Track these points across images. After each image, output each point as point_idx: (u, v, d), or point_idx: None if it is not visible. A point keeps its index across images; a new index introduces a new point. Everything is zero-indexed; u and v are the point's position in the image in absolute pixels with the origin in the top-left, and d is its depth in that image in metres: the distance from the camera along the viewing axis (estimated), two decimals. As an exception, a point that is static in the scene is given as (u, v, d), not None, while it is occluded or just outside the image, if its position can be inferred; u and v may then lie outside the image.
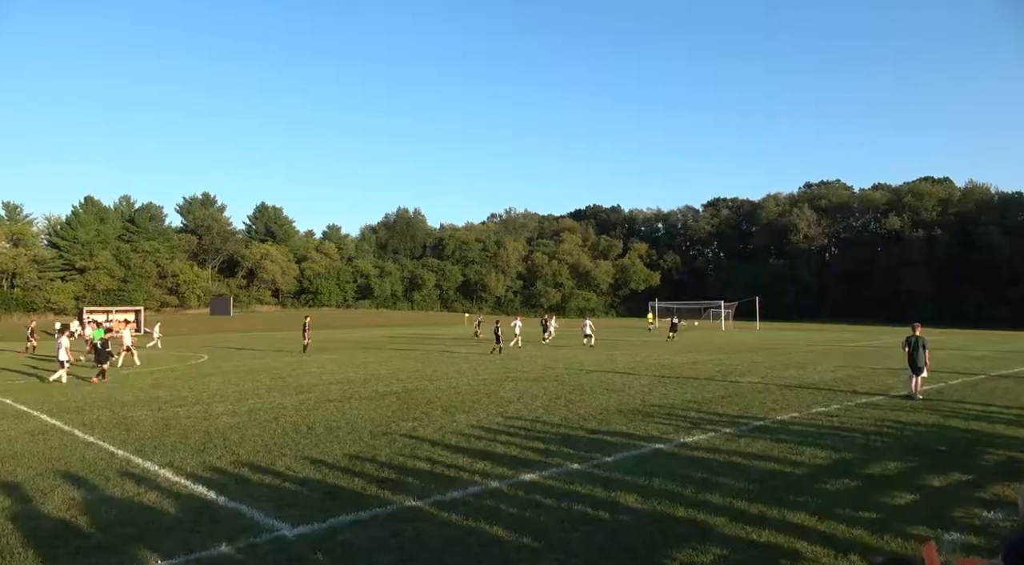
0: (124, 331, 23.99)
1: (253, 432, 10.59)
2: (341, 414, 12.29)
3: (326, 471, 8.08)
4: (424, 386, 16.41)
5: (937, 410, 12.51)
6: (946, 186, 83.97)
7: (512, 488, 7.30)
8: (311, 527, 6.02)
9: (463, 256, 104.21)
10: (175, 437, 10.26)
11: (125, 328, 24.40)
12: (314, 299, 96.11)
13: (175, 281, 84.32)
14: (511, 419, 11.66)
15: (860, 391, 15.25)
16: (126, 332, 23.92)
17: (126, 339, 23.45)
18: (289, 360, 24.54)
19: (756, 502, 6.67)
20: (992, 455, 8.90)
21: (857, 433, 10.35)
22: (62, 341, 18.60)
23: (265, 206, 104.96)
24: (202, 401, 14.09)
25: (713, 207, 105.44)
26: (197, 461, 8.63)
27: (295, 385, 16.79)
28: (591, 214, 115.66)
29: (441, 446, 9.46)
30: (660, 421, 11.41)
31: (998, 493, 7.01)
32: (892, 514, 6.36)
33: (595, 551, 5.44)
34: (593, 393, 14.96)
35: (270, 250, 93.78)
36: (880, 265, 79.74)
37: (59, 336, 19.61)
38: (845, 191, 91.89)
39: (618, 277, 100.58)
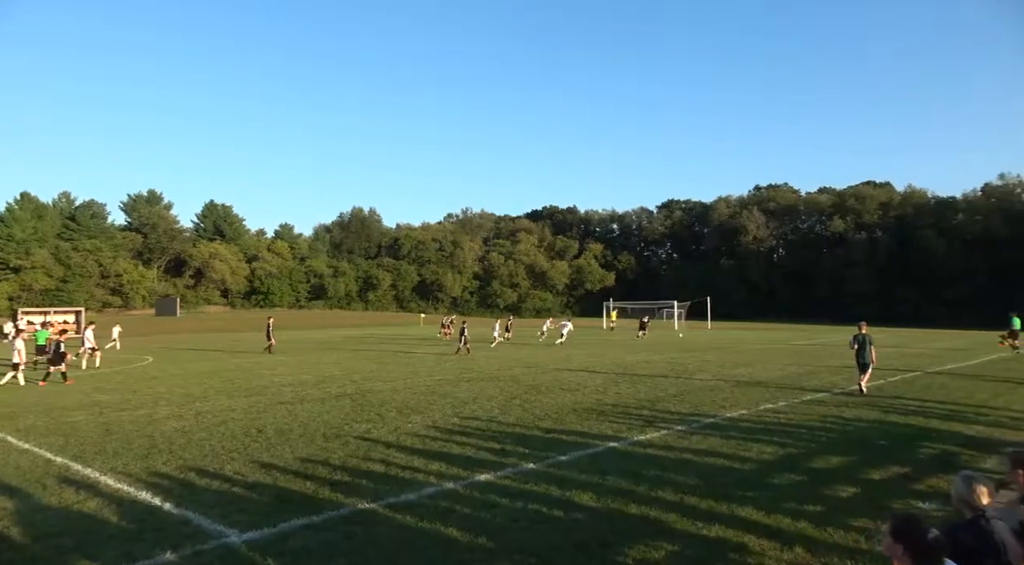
0: (87, 332, 23.18)
1: (200, 436, 10.29)
2: (293, 417, 12.05)
3: (277, 475, 7.90)
4: (379, 387, 16.23)
5: (877, 406, 13.00)
6: (887, 190, 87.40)
7: (467, 489, 7.28)
8: (260, 532, 5.88)
9: (419, 256, 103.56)
10: (117, 442, 9.89)
11: (89, 329, 23.47)
12: (265, 299, 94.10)
13: (118, 281, 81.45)
14: (467, 419, 11.63)
15: (806, 388, 15.72)
16: (89, 332, 23.13)
17: (89, 340, 22.70)
18: (239, 362, 23.94)
19: (706, 498, 6.81)
20: (928, 449, 9.29)
21: (803, 429, 10.68)
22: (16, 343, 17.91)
23: (214, 204, 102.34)
24: (146, 405, 13.62)
25: (667, 208, 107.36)
26: (141, 467, 8.34)
27: (245, 388, 16.38)
28: (547, 215, 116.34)
29: (396, 448, 9.37)
30: (614, 420, 11.54)
31: (933, 485, 7.33)
32: (835, 507, 6.58)
33: (549, 550, 5.47)
34: (549, 392, 15.04)
35: (219, 249, 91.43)
36: (825, 266, 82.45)
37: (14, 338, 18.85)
38: (792, 194, 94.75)
39: (574, 277, 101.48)
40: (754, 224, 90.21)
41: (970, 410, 12.52)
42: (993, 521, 3.31)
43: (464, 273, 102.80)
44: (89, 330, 23.25)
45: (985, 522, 3.29)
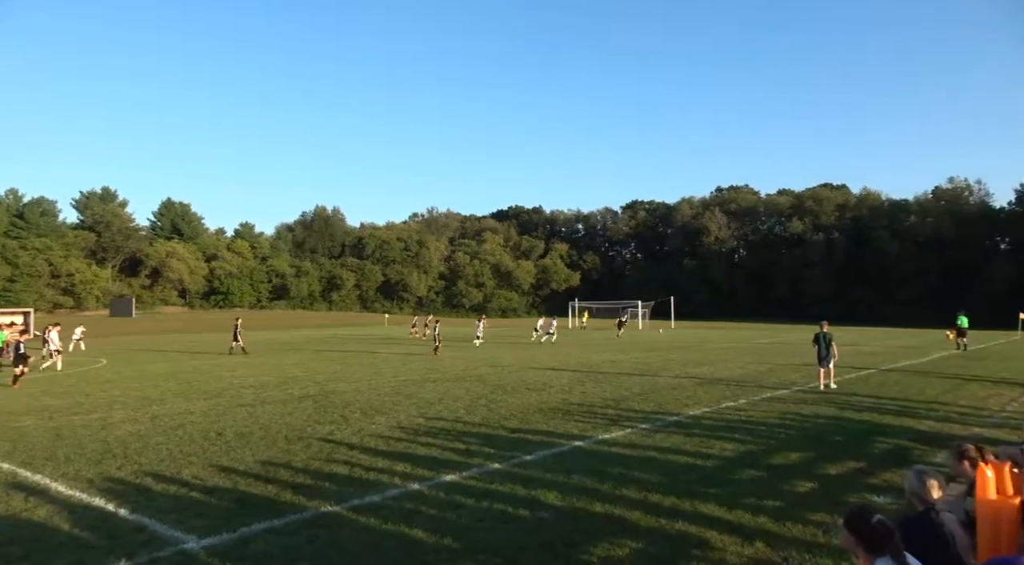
0: (52, 333, 22.43)
1: (157, 440, 10.02)
2: (254, 419, 11.82)
3: (237, 479, 7.74)
4: (342, 388, 16.03)
5: (834, 402, 13.35)
6: (843, 192, 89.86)
7: (432, 489, 7.24)
8: (220, 538, 5.75)
9: (384, 256, 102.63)
10: (69, 448, 9.56)
11: (54, 329, 22.70)
12: (225, 300, 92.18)
13: (70, 281, 78.84)
14: (432, 420, 11.57)
15: (766, 386, 16.06)
16: (54, 333, 22.38)
17: (54, 341, 21.99)
18: (197, 364, 23.40)
19: (670, 495, 6.90)
20: (882, 444, 9.58)
21: (762, 426, 10.91)
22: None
23: (171, 202, 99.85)
24: (100, 408, 13.20)
25: (631, 209, 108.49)
26: (94, 472, 8.08)
27: (203, 390, 16.01)
28: (513, 215, 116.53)
29: (360, 449, 9.27)
30: (579, 419, 11.61)
31: (887, 479, 7.56)
32: (794, 502, 6.74)
33: (515, 549, 5.47)
34: (514, 392, 15.06)
35: (177, 248, 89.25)
36: (784, 266, 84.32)
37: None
38: (753, 196, 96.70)
39: (539, 277, 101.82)
40: (716, 225, 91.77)
41: (922, 406, 12.95)
42: (943, 514, 3.43)
43: (430, 273, 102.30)
44: (54, 331, 22.56)
45: (935, 515, 3.41)
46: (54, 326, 23.17)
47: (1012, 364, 22.33)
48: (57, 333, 22.49)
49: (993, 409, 12.68)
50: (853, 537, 2.88)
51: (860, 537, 2.84)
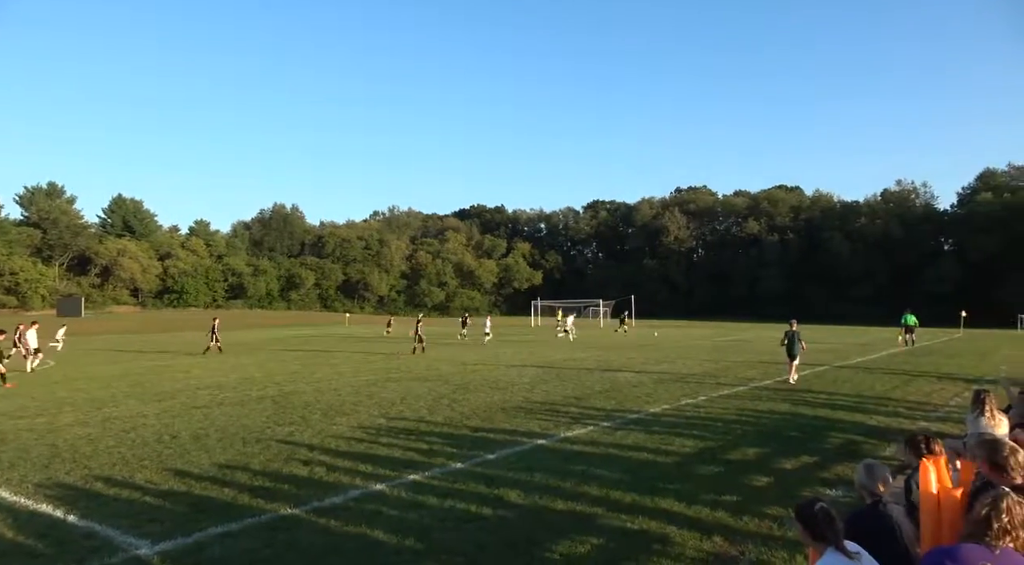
0: (30, 332, 21.52)
1: (108, 444, 9.71)
2: (210, 421, 11.54)
3: (192, 482, 7.55)
4: (302, 389, 15.78)
5: (789, 399, 13.71)
6: (797, 194, 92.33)
7: (394, 490, 7.19)
8: (174, 542, 5.61)
9: (344, 254, 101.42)
10: (13, 452, 9.19)
11: (32, 329, 21.77)
12: (179, 299, 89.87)
13: (14, 279, 75.78)
14: (394, 420, 11.48)
15: (723, 383, 16.39)
16: (31, 333, 21.51)
17: (31, 340, 21.17)
18: (150, 364, 22.73)
19: (631, 491, 6.99)
20: (835, 438, 9.88)
21: (720, 422, 11.13)
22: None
23: (122, 198, 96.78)
24: (47, 411, 12.72)
25: (592, 209, 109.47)
26: (41, 477, 7.78)
27: (156, 391, 15.56)
28: (475, 214, 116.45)
29: (320, 450, 9.14)
30: (542, 417, 11.67)
31: (839, 473, 7.80)
32: (750, 496, 6.90)
33: (477, 548, 5.47)
34: (477, 391, 15.04)
35: (128, 246, 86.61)
36: (740, 266, 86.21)
37: None
38: (711, 196, 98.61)
39: (502, 276, 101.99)
40: (675, 225, 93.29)
41: (872, 401, 13.40)
42: (890, 505, 3.57)
43: (391, 272, 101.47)
44: (32, 330, 21.73)
45: (883, 507, 3.54)
46: (32, 325, 22.34)
47: (955, 360, 23.28)
48: (35, 332, 21.71)
49: (938, 404, 13.20)
50: (799, 526, 2.99)
51: (805, 526, 2.96)
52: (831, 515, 2.92)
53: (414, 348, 26.31)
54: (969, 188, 78.95)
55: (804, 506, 3.02)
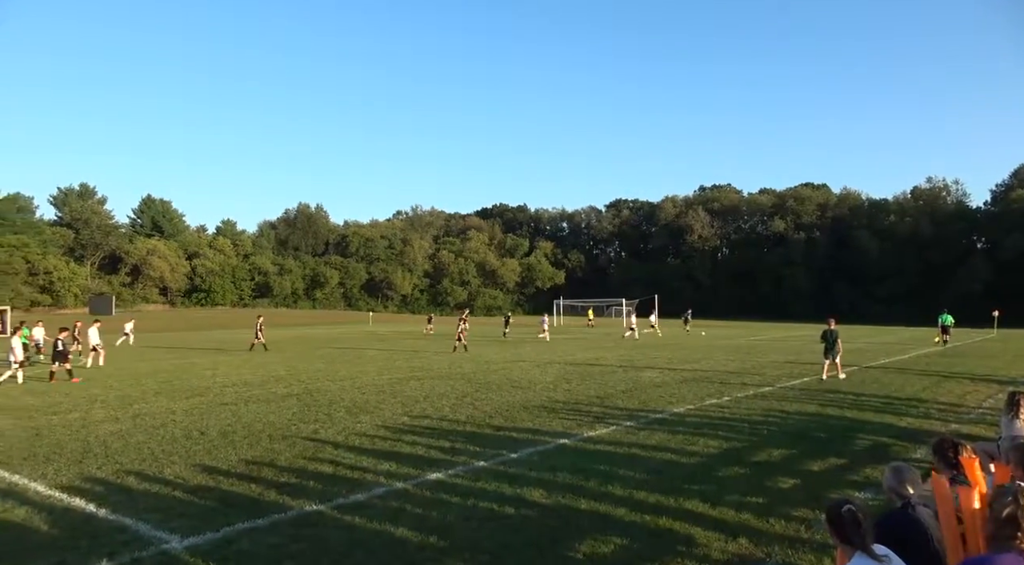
0: (91, 329, 22.18)
1: (138, 439, 9.90)
2: (236, 418, 11.72)
3: (220, 478, 7.67)
4: (327, 387, 15.94)
5: (816, 399, 13.51)
6: (824, 192, 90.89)
7: (418, 488, 7.23)
8: (203, 537, 5.70)
9: (368, 253, 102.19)
10: (48, 447, 9.42)
11: (94, 326, 22.44)
12: (207, 298, 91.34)
13: (48, 278, 77.52)
14: (417, 418, 11.54)
15: (749, 383, 16.20)
16: (93, 330, 22.14)
17: (93, 338, 21.79)
18: (179, 362, 23.14)
19: (654, 492, 6.95)
20: (863, 440, 9.71)
21: (746, 423, 11.00)
22: (15, 341, 17.57)
23: (151, 199, 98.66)
24: (80, 408, 13.02)
25: (615, 208, 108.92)
26: (74, 472, 7.97)
27: (185, 388, 15.84)
28: (497, 213, 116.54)
29: (344, 448, 9.23)
30: (565, 416, 11.65)
31: (867, 475, 7.67)
32: (777, 498, 6.81)
33: (500, 547, 5.48)
34: (499, 390, 15.06)
35: (157, 246, 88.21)
36: (766, 265, 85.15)
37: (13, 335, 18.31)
38: (735, 195, 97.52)
39: (524, 275, 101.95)
40: (699, 223, 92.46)
41: (902, 403, 13.14)
42: (919, 508, 3.49)
43: (414, 271, 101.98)
44: (94, 328, 22.39)
45: (912, 510, 3.47)
46: (94, 322, 23.02)
47: (989, 361, 22.73)
48: (97, 329, 22.36)
49: (971, 406, 12.90)
50: (829, 527, 2.96)
51: (832, 527, 2.93)
52: (858, 518, 2.87)
53: (455, 346, 26.67)
54: (1003, 185, 77.12)
55: (832, 507, 2.98)
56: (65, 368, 17.66)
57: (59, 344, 17.96)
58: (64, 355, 17.83)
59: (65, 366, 17.67)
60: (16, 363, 17.20)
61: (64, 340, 18.33)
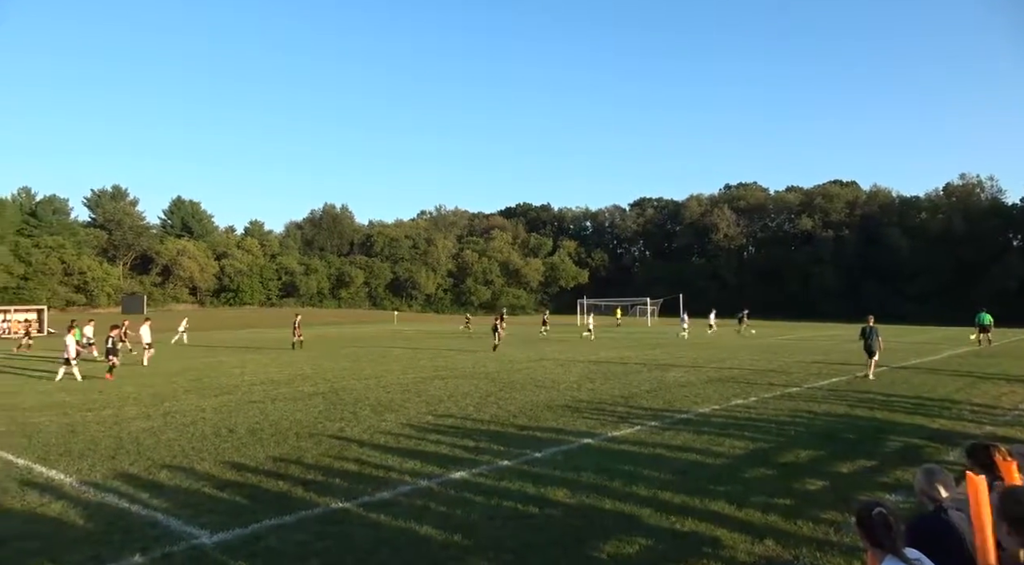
0: (143, 327, 22.89)
1: (169, 436, 10.11)
2: (264, 416, 11.89)
3: (248, 475, 7.80)
4: (352, 385, 16.10)
5: (845, 400, 13.29)
6: (853, 189, 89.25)
7: (442, 486, 7.27)
8: (232, 533, 5.80)
9: (392, 253, 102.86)
10: (83, 443, 9.66)
11: (145, 324, 23.12)
12: (235, 297, 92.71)
13: (82, 278, 79.38)
14: (441, 417, 11.60)
15: (776, 383, 15.99)
16: (145, 328, 22.85)
17: (145, 335, 22.51)
18: (208, 360, 23.54)
19: (680, 493, 6.90)
20: (894, 442, 9.53)
21: (772, 423, 10.87)
22: (68, 339, 18.18)
23: (181, 200, 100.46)
24: (112, 405, 13.32)
25: (639, 207, 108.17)
26: (107, 468, 8.16)
27: (214, 386, 16.12)
28: (521, 212, 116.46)
29: (370, 446, 9.31)
30: (589, 416, 11.61)
31: (898, 477, 7.52)
32: (804, 500, 6.72)
33: (524, 546, 5.48)
34: (523, 390, 15.07)
35: (187, 246, 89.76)
36: (793, 263, 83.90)
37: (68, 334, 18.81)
38: (762, 193, 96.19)
39: (548, 274, 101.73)
40: (725, 222, 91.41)
41: (934, 404, 12.87)
42: (951, 512, 3.41)
43: (438, 271, 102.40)
44: (145, 326, 23.06)
45: (945, 513, 3.39)
46: (145, 321, 23.63)
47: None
48: (148, 328, 22.99)
49: (1006, 408, 12.58)
50: (858, 530, 2.91)
51: (862, 530, 2.88)
52: (889, 521, 2.82)
53: (494, 345, 27.02)
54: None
55: (862, 509, 2.93)
56: (114, 364, 18.20)
57: (110, 341, 18.63)
58: (115, 352, 18.45)
59: (114, 361, 18.23)
60: (71, 360, 17.82)
61: (115, 338, 18.94)
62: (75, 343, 18.39)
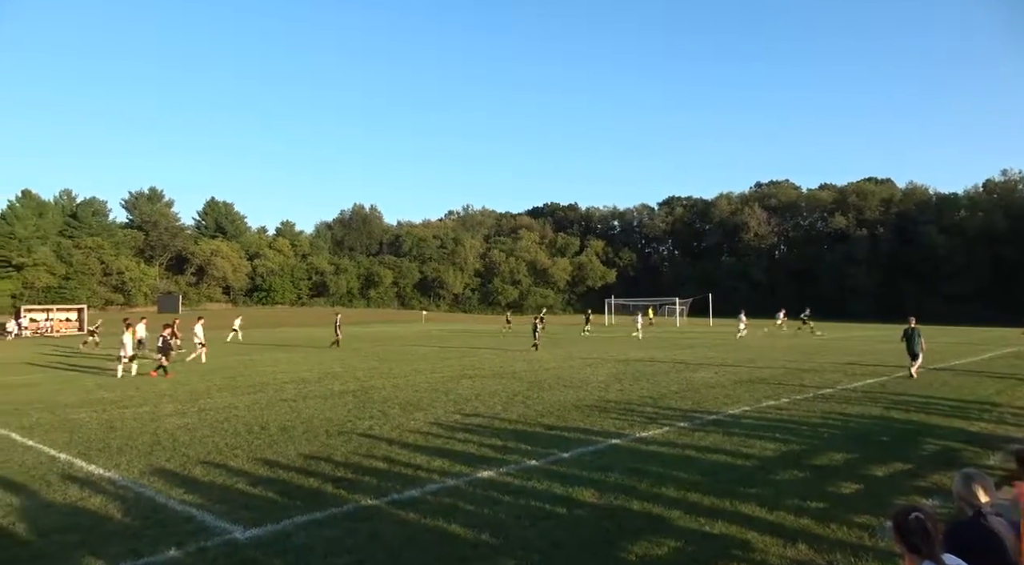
0: (197, 326, 23.50)
1: (203, 433, 10.32)
2: (296, 413, 12.07)
3: (280, 471, 7.92)
4: (381, 384, 16.25)
5: (880, 402, 13.00)
6: (888, 187, 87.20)
7: (470, 485, 7.29)
8: (264, 529, 5.90)
9: (420, 253, 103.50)
10: (121, 439, 9.91)
11: (198, 324, 23.78)
12: (267, 297, 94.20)
13: (120, 278, 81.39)
14: (469, 416, 11.64)
15: (808, 385, 15.72)
16: (199, 327, 23.44)
17: (199, 334, 23.15)
18: (241, 358, 23.96)
19: (709, 494, 6.82)
20: (931, 445, 9.29)
21: (805, 425, 10.68)
22: (126, 337, 18.93)
23: (215, 201, 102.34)
24: (149, 402, 13.65)
25: (668, 205, 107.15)
26: (144, 464, 8.36)
27: (247, 384, 16.41)
28: (548, 212, 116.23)
29: (399, 444, 9.39)
30: (617, 416, 11.55)
31: (936, 481, 7.33)
32: (838, 503, 6.59)
33: (552, 546, 5.48)
34: (551, 389, 15.05)
35: (220, 247, 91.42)
36: (826, 262, 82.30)
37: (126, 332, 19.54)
38: (794, 191, 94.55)
39: (575, 274, 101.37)
40: (755, 221, 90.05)
41: (974, 407, 12.52)
42: (991, 518, 3.32)
43: (465, 270, 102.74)
44: (199, 325, 23.63)
45: (984, 519, 3.30)
46: (198, 320, 24.26)
47: (1070, 364, 21.41)
48: (201, 327, 23.56)
49: (1050, 410, 12.19)
50: (895, 535, 2.85)
51: (899, 535, 2.82)
52: (926, 527, 2.75)
53: (534, 344, 27.42)
54: (1086, 177, 72.48)
55: (899, 514, 2.87)
56: (161, 363, 18.49)
57: (161, 340, 19.03)
58: (167, 350, 18.81)
59: (163, 361, 18.51)
60: (126, 358, 18.49)
61: (167, 337, 19.32)
62: (131, 342, 19.02)
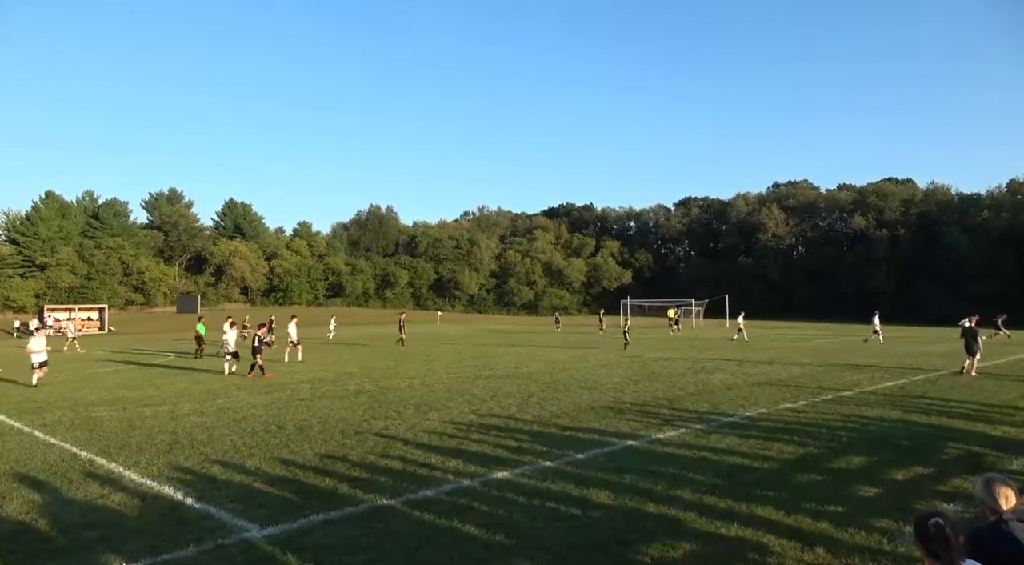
0: (291, 325, 23.84)
1: (221, 432, 10.42)
2: (312, 413, 12.16)
3: (297, 470, 7.98)
4: (397, 384, 16.32)
5: (900, 405, 12.82)
6: (909, 187, 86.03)
7: (485, 486, 7.30)
8: (281, 527, 5.95)
9: (436, 254, 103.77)
10: (140, 437, 10.05)
11: (292, 323, 24.08)
12: (284, 297, 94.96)
13: (140, 278, 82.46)
14: (484, 417, 11.66)
15: (826, 387, 15.55)
16: (292, 326, 23.79)
17: (292, 333, 23.50)
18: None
19: (725, 497, 6.77)
20: (952, 449, 9.15)
21: (823, 428, 10.56)
22: (229, 335, 19.40)
23: (233, 202, 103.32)
24: (168, 401, 13.82)
25: (684, 206, 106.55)
26: (163, 462, 8.47)
27: (264, 384, 16.55)
28: (564, 212, 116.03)
29: (414, 444, 9.42)
30: (632, 418, 11.50)
31: (957, 486, 7.22)
32: (857, 507, 6.51)
33: (567, 548, 5.47)
34: (566, 391, 15.02)
35: (239, 247, 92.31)
36: (846, 264, 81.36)
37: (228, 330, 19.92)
38: (812, 191, 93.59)
39: (590, 275, 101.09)
40: (773, 221, 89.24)
41: (996, 410, 12.31)
42: (1012, 523, 3.26)
43: (481, 271, 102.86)
44: (292, 324, 23.95)
45: (1006, 525, 3.24)
46: (291, 318, 24.62)
47: (1096, 367, 20.98)
48: (295, 326, 23.87)
49: (1075, 415, 11.95)
50: (916, 541, 2.82)
51: (920, 541, 2.79)
52: (946, 533, 2.72)
53: (625, 344, 28.21)
54: (1113, 176, 70.93)
55: (920, 520, 2.84)
56: (259, 363, 18.44)
57: (256, 339, 19.08)
58: (260, 350, 18.78)
59: (258, 360, 18.50)
60: (229, 353, 18.98)
61: (261, 335, 19.37)
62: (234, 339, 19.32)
